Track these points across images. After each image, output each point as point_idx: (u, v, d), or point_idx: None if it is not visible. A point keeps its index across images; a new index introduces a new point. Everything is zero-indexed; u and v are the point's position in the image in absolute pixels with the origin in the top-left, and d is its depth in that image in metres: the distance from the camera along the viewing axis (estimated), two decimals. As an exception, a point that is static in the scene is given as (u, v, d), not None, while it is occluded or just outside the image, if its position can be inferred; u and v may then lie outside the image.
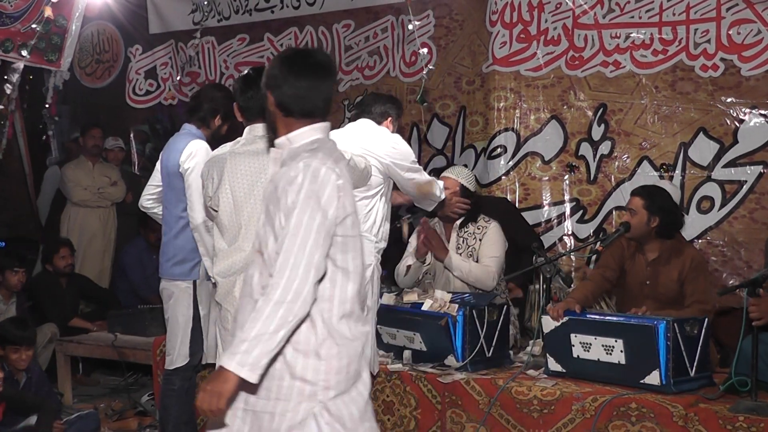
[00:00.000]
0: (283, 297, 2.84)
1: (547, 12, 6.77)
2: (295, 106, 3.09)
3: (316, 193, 2.92)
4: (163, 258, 5.10)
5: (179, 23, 8.74)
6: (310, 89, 3.08)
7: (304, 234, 2.89)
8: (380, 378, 5.06)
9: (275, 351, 2.87)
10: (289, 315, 2.84)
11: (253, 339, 2.82)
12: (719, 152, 6.16)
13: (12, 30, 6.65)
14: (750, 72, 6.04)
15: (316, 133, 3.12)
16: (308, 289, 2.88)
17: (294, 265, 2.86)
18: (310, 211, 2.91)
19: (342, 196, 2.98)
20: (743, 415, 4.07)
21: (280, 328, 2.84)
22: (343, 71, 7.92)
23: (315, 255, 2.89)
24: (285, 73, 3.09)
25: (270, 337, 2.82)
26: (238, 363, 2.81)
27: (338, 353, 3.02)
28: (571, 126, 6.72)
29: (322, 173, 2.95)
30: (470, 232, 5.68)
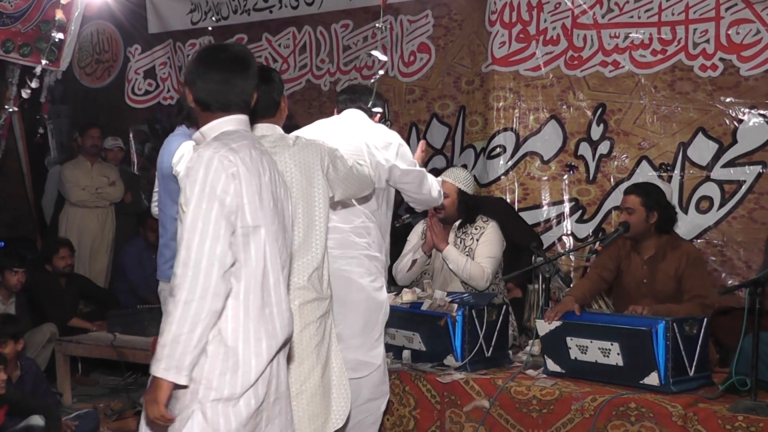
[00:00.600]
0: (191, 296, 2.78)
1: (546, 12, 6.77)
2: (210, 100, 3.07)
3: (210, 182, 2.85)
4: (161, 260, 5.07)
5: (178, 23, 8.74)
6: (222, 83, 3.06)
7: (202, 227, 2.82)
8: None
9: (198, 348, 2.80)
10: (201, 312, 2.78)
11: (172, 342, 2.76)
12: (718, 152, 6.16)
13: (13, 30, 6.64)
14: (749, 72, 6.04)
15: (228, 125, 3.09)
16: (215, 283, 2.80)
17: (196, 261, 2.80)
18: (206, 202, 2.83)
19: (238, 184, 2.89)
20: (742, 415, 4.07)
21: (195, 327, 2.77)
22: (341, 71, 7.92)
23: (216, 247, 2.82)
24: (200, 69, 3.07)
25: (188, 337, 2.76)
26: (163, 368, 2.77)
27: (225, 354, 2.89)
28: (570, 126, 6.73)
29: (215, 162, 2.87)
30: (468, 232, 5.69)
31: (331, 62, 7.98)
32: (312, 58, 8.08)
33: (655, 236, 5.19)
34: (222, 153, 2.90)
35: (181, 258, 2.83)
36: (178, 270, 2.83)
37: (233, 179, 2.88)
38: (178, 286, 2.81)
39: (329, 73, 8.01)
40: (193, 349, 2.78)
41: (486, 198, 6.71)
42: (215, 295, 2.80)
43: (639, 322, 4.58)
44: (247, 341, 2.92)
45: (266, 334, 2.97)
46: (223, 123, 3.09)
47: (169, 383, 2.78)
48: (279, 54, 8.24)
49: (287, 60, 8.20)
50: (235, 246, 2.90)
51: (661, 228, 5.18)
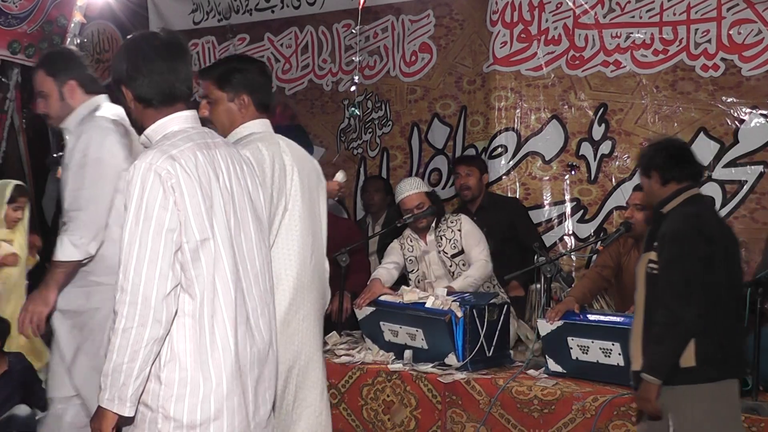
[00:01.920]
0: (130, 324, 2.58)
1: (548, 12, 6.77)
2: (154, 94, 2.82)
3: (147, 199, 2.62)
4: None
5: (179, 23, 8.73)
6: (167, 72, 2.83)
7: (139, 249, 2.60)
8: (381, 378, 5.06)
9: (141, 378, 2.62)
10: (141, 340, 2.58)
11: (113, 372, 2.60)
12: (720, 152, 6.16)
13: (18, 31, 6.64)
14: (750, 72, 6.05)
15: (172, 124, 2.85)
16: (155, 309, 2.59)
17: (134, 286, 2.59)
18: (142, 219, 2.61)
19: (180, 197, 2.66)
20: (744, 415, 4.05)
21: (135, 356, 2.58)
22: (343, 71, 7.93)
23: (155, 270, 2.60)
24: (138, 61, 2.82)
25: (128, 367, 2.59)
26: (107, 398, 2.62)
27: (180, 380, 2.69)
28: (571, 126, 6.73)
29: (150, 175, 2.63)
30: (444, 227, 5.69)
31: (333, 62, 7.98)
32: (314, 58, 8.08)
33: None
34: (159, 164, 2.65)
35: (119, 282, 2.62)
36: (116, 295, 2.63)
37: (172, 192, 2.64)
38: (116, 313, 2.61)
39: (331, 73, 8.01)
40: (134, 380, 2.61)
41: (500, 196, 6.72)
42: (155, 322, 2.60)
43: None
44: (206, 363, 2.72)
45: (229, 355, 2.76)
46: (168, 122, 2.85)
47: (114, 414, 2.63)
48: (281, 54, 8.24)
49: (289, 60, 8.20)
50: (184, 263, 2.68)
51: None
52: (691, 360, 3.64)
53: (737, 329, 3.91)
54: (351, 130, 7.93)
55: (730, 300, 3.82)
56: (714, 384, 3.69)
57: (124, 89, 2.87)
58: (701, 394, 3.67)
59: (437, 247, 5.68)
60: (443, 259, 5.68)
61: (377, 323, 5.35)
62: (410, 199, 5.62)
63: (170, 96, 2.85)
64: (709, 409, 3.67)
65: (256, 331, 2.89)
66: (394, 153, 7.67)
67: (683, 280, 3.65)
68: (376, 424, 5.08)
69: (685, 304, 3.60)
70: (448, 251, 5.66)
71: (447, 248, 5.66)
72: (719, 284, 3.71)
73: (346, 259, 5.73)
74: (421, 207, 5.61)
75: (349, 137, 7.94)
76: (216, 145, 2.91)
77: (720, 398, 3.71)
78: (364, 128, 7.84)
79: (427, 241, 5.73)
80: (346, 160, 7.88)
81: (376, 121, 7.76)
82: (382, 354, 5.30)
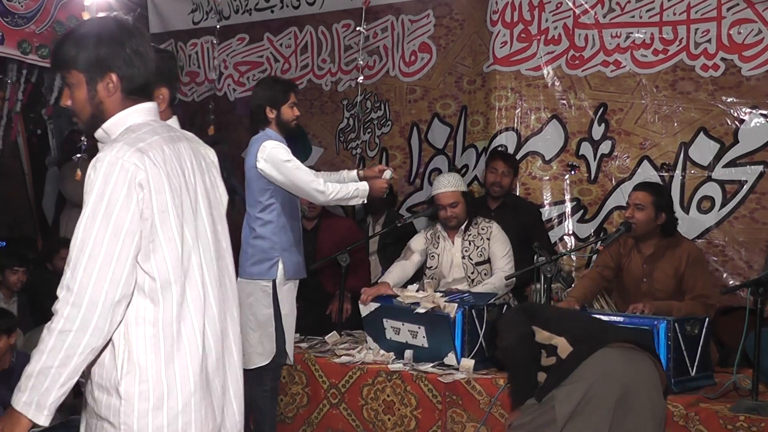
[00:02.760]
0: (68, 326, 2.36)
1: (548, 11, 6.77)
2: (140, 84, 2.64)
3: (109, 195, 2.41)
4: (242, 258, 5.14)
5: (179, 23, 8.73)
6: (151, 62, 2.65)
7: (93, 247, 2.39)
8: (381, 378, 5.06)
9: (66, 387, 2.40)
10: (78, 346, 2.37)
11: (38, 374, 2.38)
12: (720, 152, 6.15)
13: (27, 31, 6.63)
14: (750, 72, 6.04)
15: (133, 117, 2.63)
16: (99, 316, 2.38)
17: (81, 287, 2.37)
18: (101, 216, 2.40)
19: (147, 195, 2.46)
20: (744, 415, 4.07)
21: (67, 361, 2.37)
22: (342, 71, 7.92)
23: (107, 272, 2.39)
24: (134, 47, 2.61)
25: (56, 372, 2.37)
26: (24, 401, 2.39)
27: (141, 393, 2.49)
28: (571, 125, 6.72)
29: (116, 169, 2.42)
30: (474, 233, 5.70)
31: (333, 62, 7.98)
32: (313, 58, 8.07)
33: (657, 237, 5.19)
34: (126, 158, 2.44)
35: (65, 281, 2.40)
36: (60, 293, 2.40)
37: (141, 189, 2.45)
38: (56, 312, 2.39)
39: (330, 73, 8.00)
40: (59, 387, 2.39)
41: (521, 200, 6.71)
42: (97, 330, 2.38)
43: (640, 322, 4.58)
44: (172, 374, 2.53)
45: (197, 364, 2.59)
46: (130, 115, 2.63)
47: (27, 420, 2.41)
48: (280, 54, 8.24)
49: (288, 60, 8.20)
50: (147, 266, 2.50)
51: (666, 230, 5.18)
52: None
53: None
54: (350, 130, 7.93)
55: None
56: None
57: (106, 74, 2.59)
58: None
59: (463, 251, 5.68)
60: (467, 265, 5.68)
61: (380, 320, 5.35)
62: (445, 196, 5.64)
63: (146, 88, 2.68)
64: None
65: (223, 336, 2.73)
66: (393, 153, 7.67)
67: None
68: (376, 424, 5.08)
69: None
70: (473, 258, 5.66)
71: (473, 255, 5.66)
72: None
73: (346, 259, 5.75)
74: (454, 206, 5.63)
75: (347, 137, 7.94)
76: (179, 138, 2.72)
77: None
78: (363, 128, 7.84)
79: (454, 242, 5.73)
80: (344, 160, 7.88)
81: (375, 121, 7.76)
82: (383, 354, 5.30)
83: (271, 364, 5.08)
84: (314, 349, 5.60)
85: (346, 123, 7.95)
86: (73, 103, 2.65)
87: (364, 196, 5.10)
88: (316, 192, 4.98)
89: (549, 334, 4.11)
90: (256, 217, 5.09)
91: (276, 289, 5.05)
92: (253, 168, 5.04)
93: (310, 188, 4.97)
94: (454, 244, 5.72)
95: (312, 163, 7.86)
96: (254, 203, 5.11)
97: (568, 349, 3.98)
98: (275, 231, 5.06)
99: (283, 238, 5.07)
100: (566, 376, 3.91)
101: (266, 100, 5.13)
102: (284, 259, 5.05)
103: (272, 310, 5.05)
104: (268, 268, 5.05)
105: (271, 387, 5.16)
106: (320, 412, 5.33)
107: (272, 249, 5.05)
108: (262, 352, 5.05)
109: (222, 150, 8.71)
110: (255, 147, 5.05)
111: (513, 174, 6.42)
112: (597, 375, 3.86)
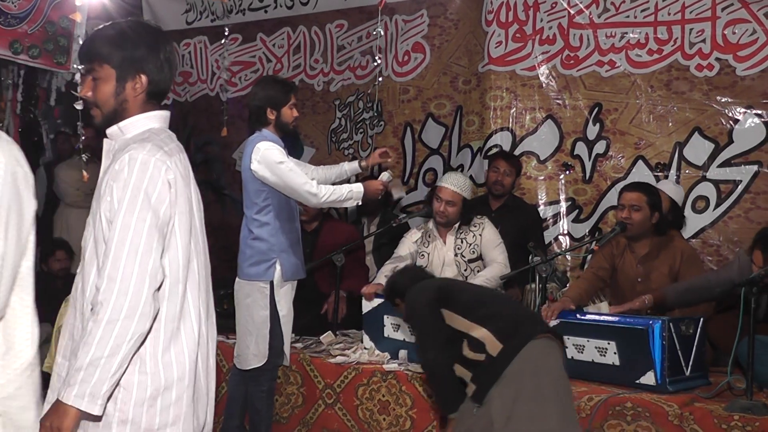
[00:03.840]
0: (116, 315, 2.45)
1: (543, 11, 6.77)
2: (163, 88, 2.78)
3: (145, 189, 2.54)
4: (241, 259, 5.14)
5: (173, 23, 8.73)
6: (166, 64, 2.77)
7: (133, 238, 2.50)
8: (376, 377, 5.06)
9: (117, 375, 2.49)
10: (126, 334, 2.46)
11: (88, 366, 2.44)
12: (714, 152, 6.16)
13: (19, 31, 6.59)
14: (745, 72, 6.04)
15: (152, 121, 2.75)
16: (144, 302, 2.48)
17: (124, 276, 2.47)
18: (138, 210, 2.52)
19: (173, 194, 2.60)
20: (738, 414, 4.07)
21: (117, 350, 2.45)
22: (335, 71, 7.92)
23: (148, 262, 2.50)
24: (165, 53, 2.75)
25: (107, 362, 2.44)
26: (75, 395, 2.44)
27: (140, 383, 2.59)
28: (566, 125, 6.72)
29: (150, 166, 2.56)
30: (467, 231, 5.70)
31: (325, 62, 7.97)
32: (306, 58, 8.07)
33: (651, 236, 5.20)
34: (158, 157, 2.59)
35: (107, 272, 2.49)
36: (102, 285, 2.49)
37: (170, 187, 2.60)
38: (101, 303, 2.47)
39: (323, 73, 8.00)
40: (111, 376, 2.47)
41: (523, 202, 6.70)
42: (143, 316, 2.49)
43: (636, 321, 4.58)
44: (169, 367, 2.63)
45: (193, 360, 2.68)
46: (150, 119, 2.76)
47: (77, 411, 2.46)
48: (273, 54, 8.23)
49: (281, 60, 8.19)
50: (163, 260, 2.60)
51: (660, 230, 5.19)
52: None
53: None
54: (342, 131, 7.92)
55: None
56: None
57: (138, 74, 2.71)
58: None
59: (456, 250, 5.68)
60: (459, 262, 5.67)
61: (381, 317, 5.37)
62: (447, 192, 5.62)
63: (163, 95, 2.83)
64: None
65: (209, 338, 2.82)
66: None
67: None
68: (371, 424, 5.08)
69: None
70: (466, 255, 5.66)
71: (466, 252, 5.66)
72: None
73: (341, 260, 5.76)
74: (451, 205, 5.61)
75: (339, 137, 7.93)
76: (182, 149, 2.82)
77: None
78: (355, 128, 7.83)
79: (446, 241, 5.73)
80: (337, 160, 7.86)
81: (367, 121, 7.75)
82: (378, 354, 5.31)
83: (268, 365, 5.07)
84: (309, 349, 5.60)
85: (338, 123, 7.94)
86: (97, 95, 2.73)
87: (358, 198, 5.09)
88: (309, 194, 4.97)
89: (469, 322, 4.01)
90: (253, 218, 5.08)
91: (273, 291, 5.04)
92: (248, 169, 5.03)
93: (303, 190, 4.96)
94: (446, 243, 5.71)
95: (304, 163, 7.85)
96: (251, 205, 5.10)
97: (498, 346, 3.86)
98: (272, 232, 5.05)
99: (280, 240, 5.06)
100: (499, 374, 3.82)
101: (267, 101, 5.10)
102: (282, 261, 5.04)
103: (268, 312, 5.04)
104: (265, 269, 5.04)
105: (268, 387, 5.15)
106: (315, 412, 5.33)
107: (270, 250, 5.04)
108: (257, 354, 5.04)
109: (213, 151, 8.74)
110: (250, 148, 5.04)
111: (515, 174, 6.43)
112: (529, 372, 3.81)
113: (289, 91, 5.17)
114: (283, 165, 4.94)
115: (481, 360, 3.91)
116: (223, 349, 5.71)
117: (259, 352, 5.04)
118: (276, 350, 5.09)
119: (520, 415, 3.76)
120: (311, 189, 4.96)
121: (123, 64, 2.70)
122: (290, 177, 4.95)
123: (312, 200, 5.01)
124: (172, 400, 2.63)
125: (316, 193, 4.96)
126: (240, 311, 5.15)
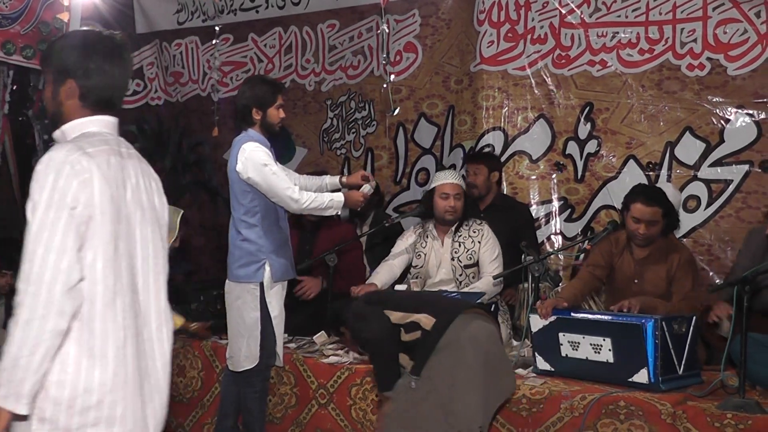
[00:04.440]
0: (32, 314, 2.47)
1: (534, 11, 6.78)
2: (99, 97, 2.81)
3: (61, 189, 2.55)
4: (230, 260, 5.14)
5: (165, 23, 8.71)
6: (116, 78, 2.84)
7: (48, 237, 2.51)
8: (369, 378, 5.05)
9: (39, 373, 2.50)
10: (43, 332, 2.47)
11: (11, 367, 2.47)
12: (705, 151, 6.17)
13: (11, 32, 6.57)
14: (736, 71, 6.05)
15: (91, 125, 2.81)
16: (59, 300, 2.49)
17: (39, 275, 2.49)
18: (54, 210, 2.53)
19: (90, 193, 2.59)
20: (731, 413, 4.08)
21: (35, 349, 2.47)
22: (326, 71, 7.92)
23: (62, 260, 2.51)
24: (96, 60, 2.78)
25: (27, 361, 2.47)
26: (3, 395, 2.48)
27: (58, 381, 2.57)
28: (558, 125, 6.73)
29: (66, 166, 2.57)
30: (465, 235, 5.70)
31: (317, 62, 7.97)
32: (297, 58, 8.06)
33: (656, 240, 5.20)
34: (74, 157, 2.60)
35: (24, 272, 2.52)
36: (20, 285, 2.52)
37: (85, 187, 2.59)
38: (19, 304, 2.50)
39: (314, 73, 8.00)
40: (33, 374, 2.49)
41: (513, 200, 6.72)
42: (59, 314, 2.50)
43: (628, 319, 4.59)
44: (91, 369, 2.61)
45: (122, 362, 2.66)
46: (89, 122, 2.81)
47: (8, 412, 2.49)
48: (264, 54, 8.23)
49: (272, 60, 8.19)
50: (82, 260, 2.59)
51: (663, 233, 5.18)
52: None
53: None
54: (334, 131, 7.92)
55: None
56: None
57: (66, 80, 2.79)
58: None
59: (452, 252, 5.68)
60: (455, 266, 5.68)
61: None
62: (452, 186, 5.69)
63: (108, 102, 2.86)
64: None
65: (158, 340, 2.83)
66: (378, 153, 7.67)
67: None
68: (364, 424, 5.08)
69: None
70: (462, 260, 5.66)
71: (462, 257, 5.66)
72: None
73: (334, 260, 5.75)
74: (459, 198, 5.67)
75: (331, 137, 7.93)
76: (129, 155, 2.88)
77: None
78: (348, 128, 7.83)
79: (444, 243, 5.73)
80: (329, 160, 7.87)
81: (359, 121, 7.75)
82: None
83: (260, 366, 5.07)
84: (302, 349, 5.60)
85: (329, 123, 7.94)
86: (44, 98, 2.90)
87: (338, 207, 5.08)
88: (290, 200, 4.97)
89: (404, 313, 4.30)
90: (240, 219, 5.07)
91: (264, 292, 5.04)
92: (234, 170, 5.03)
93: (285, 195, 4.95)
94: (444, 244, 5.72)
95: (296, 163, 7.86)
96: (238, 206, 5.09)
97: (431, 320, 4.20)
98: (260, 234, 5.04)
99: (269, 241, 5.05)
100: (436, 343, 4.14)
101: (253, 101, 5.09)
102: (271, 262, 5.03)
103: (259, 313, 5.03)
104: (255, 270, 5.04)
105: (261, 388, 5.15)
106: (309, 413, 5.33)
107: (259, 251, 5.03)
108: (249, 356, 5.04)
109: (204, 151, 8.73)
110: (236, 149, 5.04)
111: (489, 170, 6.41)
112: (465, 339, 4.12)
113: (277, 92, 5.16)
114: (267, 167, 4.94)
115: (417, 338, 4.21)
116: (215, 349, 5.70)
117: (250, 353, 5.04)
118: (268, 351, 5.08)
119: (463, 380, 4.05)
120: (293, 195, 4.95)
121: (56, 68, 2.82)
122: (273, 180, 4.94)
123: (293, 206, 5.01)
124: (92, 403, 2.61)
125: (298, 198, 4.96)
126: (231, 313, 5.15)
